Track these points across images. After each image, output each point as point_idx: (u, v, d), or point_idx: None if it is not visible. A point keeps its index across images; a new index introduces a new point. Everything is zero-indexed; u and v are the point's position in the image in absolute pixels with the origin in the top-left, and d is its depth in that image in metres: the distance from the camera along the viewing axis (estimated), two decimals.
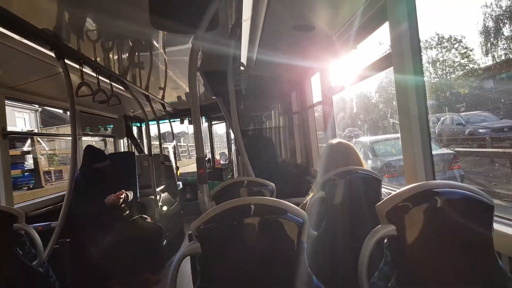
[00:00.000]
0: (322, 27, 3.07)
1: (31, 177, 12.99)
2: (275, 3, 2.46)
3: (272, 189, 2.49)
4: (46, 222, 3.20)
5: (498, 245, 1.28)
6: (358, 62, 3.12)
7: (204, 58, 3.81)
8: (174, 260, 1.32)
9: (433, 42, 4.78)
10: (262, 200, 1.36)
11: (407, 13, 2.12)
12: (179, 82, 4.96)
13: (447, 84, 4.71)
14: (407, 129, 2.18)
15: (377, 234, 1.24)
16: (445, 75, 4.73)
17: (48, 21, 2.39)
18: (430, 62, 4.85)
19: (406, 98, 2.16)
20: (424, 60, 2.19)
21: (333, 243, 2.10)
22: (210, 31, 2.48)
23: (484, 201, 1.24)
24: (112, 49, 3.22)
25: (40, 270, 2.21)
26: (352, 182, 2.11)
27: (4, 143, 3.29)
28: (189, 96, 2.39)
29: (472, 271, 1.23)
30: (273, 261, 1.32)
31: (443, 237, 1.22)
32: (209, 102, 6.48)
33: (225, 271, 1.31)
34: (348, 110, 6.17)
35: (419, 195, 1.23)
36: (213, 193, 2.45)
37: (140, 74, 4.18)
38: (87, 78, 3.12)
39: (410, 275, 1.22)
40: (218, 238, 1.31)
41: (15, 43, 2.49)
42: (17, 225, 2.10)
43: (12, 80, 3.36)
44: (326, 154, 2.38)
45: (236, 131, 3.06)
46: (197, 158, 2.38)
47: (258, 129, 5.45)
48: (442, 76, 4.76)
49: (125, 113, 6.72)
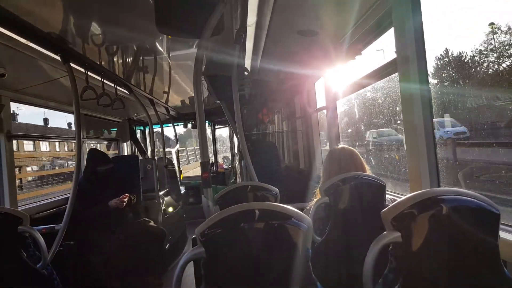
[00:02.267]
0: (327, 32, 3.08)
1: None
2: (280, 8, 2.47)
3: (276, 194, 2.49)
4: (50, 225, 3.20)
5: (504, 253, 1.27)
6: (362, 68, 3.11)
7: (208, 63, 3.82)
8: (178, 264, 1.32)
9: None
10: (267, 205, 1.36)
11: (413, 18, 2.12)
12: (183, 86, 4.98)
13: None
14: (412, 135, 2.18)
15: (382, 241, 1.23)
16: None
17: (54, 25, 2.40)
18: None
19: (411, 104, 2.15)
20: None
21: (338, 249, 2.09)
22: (215, 36, 2.49)
23: (490, 209, 1.24)
24: (117, 53, 3.24)
25: (44, 273, 2.22)
26: (356, 187, 2.10)
27: (9, 145, 3.31)
28: (194, 101, 2.39)
29: (478, 279, 1.22)
30: (277, 266, 1.32)
31: (449, 245, 1.22)
32: (212, 106, 6.50)
33: (229, 276, 1.31)
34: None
35: (424, 202, 1.22)
36: (217, 197, 2.45)
37: (144, 78, 4.20)
38: (91, 82, 3.13)
39: (415, 282, 1.22)
40: (223, 243, 1.31)
41: (21, 46, 2.51)
42: (22, 227, 2.11)
43: (17, 83, 3.38)
44: (329, 159, 2.37)
45: (240, 136, 3.06)
46: (202, 162, 2.39)
47: (261, 133, 5.45)
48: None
49: (129, 117, 6.74)
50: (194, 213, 7.35)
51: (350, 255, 1.92)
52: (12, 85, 3.34)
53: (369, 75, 2.91)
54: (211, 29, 2.24)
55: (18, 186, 3.39)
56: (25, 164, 13.78)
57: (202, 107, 2.39)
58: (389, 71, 2.56)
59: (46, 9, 2.23)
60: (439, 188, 2.04)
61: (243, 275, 1.31)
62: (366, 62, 3.11)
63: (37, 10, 2.19)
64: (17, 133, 3.72)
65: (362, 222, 2.04)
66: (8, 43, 2.42)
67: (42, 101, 3.96)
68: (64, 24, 2.45)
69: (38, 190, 11.80)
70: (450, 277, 1.21)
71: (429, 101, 2.13)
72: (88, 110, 4.87)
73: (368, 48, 3.01)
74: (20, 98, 3.58)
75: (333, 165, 2.32)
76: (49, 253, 2.55)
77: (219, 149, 9.31)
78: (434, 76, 3.02)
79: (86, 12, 2.35)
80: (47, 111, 4.32)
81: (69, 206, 2.90)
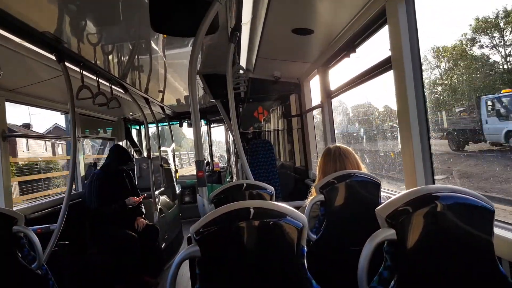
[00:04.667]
0: (321, 30, 3.08)
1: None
2: (275, 6, 2.47)
3: (271, 193, 2.49)
4: (45, 225, 3.19)
5: (498, 249, 1.28)
6: (357, 65, 3.12)
7: (203, 61, 3.82)
8: (173, 263, 1.32)
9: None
10: (262, 203, 1.36)
11: (407, 16, 2.12)
12: (178, 85, 4.97)
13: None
14: (407, 132, 2.19)
15: (377, 238, 1.24)
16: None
17: (49, 24, 2.39)
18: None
19: (405, 101, 2.16)
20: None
21: (333, 246, 2.10)
22: (210, 35, 2.48)
23: (484, 206, 1.24)
24: (112, 52, 3.23)
25: (39, 273, 2.20)
26: (351, 185, 2.11)
27: (4, 145, 3.29)
28: (189, 99, 2.39)
29: (472, 276, 1.22)
30: (273, 264, 1.32)
31: (443, 242, 1.22)
32: (208, 105, 6.50)
33: (224, 275, 1.31)
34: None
35: (419, 199, 1.23)
36: (212, 196, 2.45)
37: (139, 77, 4.19)
38: (87, 81, 3.12)
39: (410, 279, 1.22)
40: (218, 242, 1.31)
41: (16, 46, 2.50)
42: (17, 227, 2.10)
43: (12, 83, 3.36)
44: (324, 157, 2.38)
45: (235, 134, 3.06)
46: (196, 161, 2.39)
47: (257, 132, 5.45)
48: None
49: (125, 116, 6.73)
50: (190, 212, 7.37)
51: (345, 252, 1.93)
52: (6, 84, 3.32)
53: (364, 73, 2.92)
54: (206, 28, 2.23)
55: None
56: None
57: (197, 105, 2.39)
58: (384, 68, 2.56)
59: (41, 8, 2.22)
60: (433, 185, 2.05)
61: (238, 273, 1.31)
62: (361, 60, 3.12)
63: (31, 10, 2.18)
64: (12, 133, 3.70)
65: (357, 220, 2.04)
66: (2, 42, 2.40)
67: (37, 100, 3.94)
68: (58, 24, 2.44)
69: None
70: (445, 274, 1.22)
71: (423, 98, 2.14)
72: (84, 109, 4.86)
73: (362, 46, 3.02)
74: (15, 97, 3.56)
75: (328, 163, 2.33)
76: (44, 253, 2.54)
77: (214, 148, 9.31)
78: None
79: (81, 11, 2.34)
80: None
81: (64, 206, 2.89)
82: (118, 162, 4.46)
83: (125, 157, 4.58)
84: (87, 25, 2.56)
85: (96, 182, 4.26)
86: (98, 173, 4.39)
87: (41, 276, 2.22)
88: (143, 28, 2.69)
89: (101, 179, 4.29)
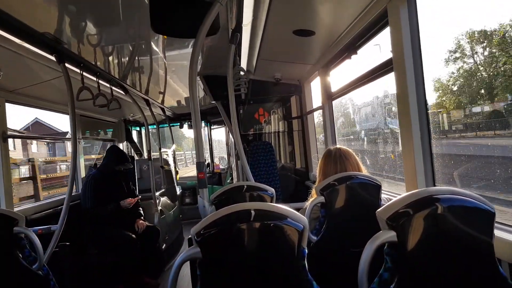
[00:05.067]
0: (322, 32, 3.08)
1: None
2: (276, 8, 2.47)
3: (272, 194, 2.49)
4: (46, 226, 3.19)
5: (498, 251, 1.28)
6: (358, 67, 3.12)
7: (204, 63, 3.82)
8: (174, 265, 1.31)
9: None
10: (263, 205, 1.36)
11: (409, 18, 2.12)
12: (178, 87, 4.98)
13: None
14: (407, 134, 2.19)
15: (377, 240, 1.23)
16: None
17: (49, 25, 2.39)
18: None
19: (406, 103, 2.16)
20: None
21: (333, 248, 2.10)
22: (211, 36, 2.48)
23: (485, 208, 1.24)
24: (113, 53, 3.23)
25: (40, 274, 2.20)
26: (351, 187, 2.10)
27: (4, 146, 3.29)
28: (189, 101, 2.39)
29: (472, 277, 1.22)
30: (273, 266, 1.32)
31: (444, 244, 1.22)
32: (208, 106, 6.51)
33: (225, 276, 1.31)
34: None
35: (420, 202, 1.23)
36: (213, 198, 2.45)
37: (140, 78, 4.20)
38: (87, 82, 3.12)
39: (411, 281, 1.22)
40: (219, 243, 1.30)
41: (16, 47, 2.50)
42: (18, 228, 2.10)
43: (12, 84, 3.36)
44: (325, 159, 2.38)
45: (236, 136, 3.06)
46: (197, 162, 2.38)
47: (258, 133, 5.45)
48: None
49: (125, 117, 6.74)
50: (190, 214, 7.37)
51: (345, 254, 1.92)
52: (7, 85, 3.32)
53: (365, 75, 2.92)
54: (206, 29, 2.23)
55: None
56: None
57: (198, 107, 2.38)
58: (385, 70, 2.56)
59: (41, 9, 2.22)
60: (434, 187, 2.05)
61: (239, 275, 1.30)
62: (362, 62, 3.12)
63: (31, 10, 2.18)
64: (13, 133, 3.70)
65: (358, 222, 2.04)
66: (2, 43, 2.40)
67: (37, 101, 3.94)
68: (59, 24, 2.44)
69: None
70: (446, 276, 1.22)
71: (425, 100, 2.14)
72: (84, 110, 4.86)
73: (364, 47, 3.02)
74: (15, 98, 3.56)
75: (328, 165, 2.33)
76: (45, 254, 2.54)
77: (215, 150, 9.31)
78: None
79: (81, 12, 2.34)
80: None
81: (65, 206, 2.89)
82: (115, 163, 4.44)
83: (122, 157, 4.56)
84: (87, 26, 2.56)
85: (91, 182, 4.25)
86: (94, 174, 4.38)
87: (42, 277, 2.22)
88: (143, 29, 2.69)
89: (97, 179, 4.28)
